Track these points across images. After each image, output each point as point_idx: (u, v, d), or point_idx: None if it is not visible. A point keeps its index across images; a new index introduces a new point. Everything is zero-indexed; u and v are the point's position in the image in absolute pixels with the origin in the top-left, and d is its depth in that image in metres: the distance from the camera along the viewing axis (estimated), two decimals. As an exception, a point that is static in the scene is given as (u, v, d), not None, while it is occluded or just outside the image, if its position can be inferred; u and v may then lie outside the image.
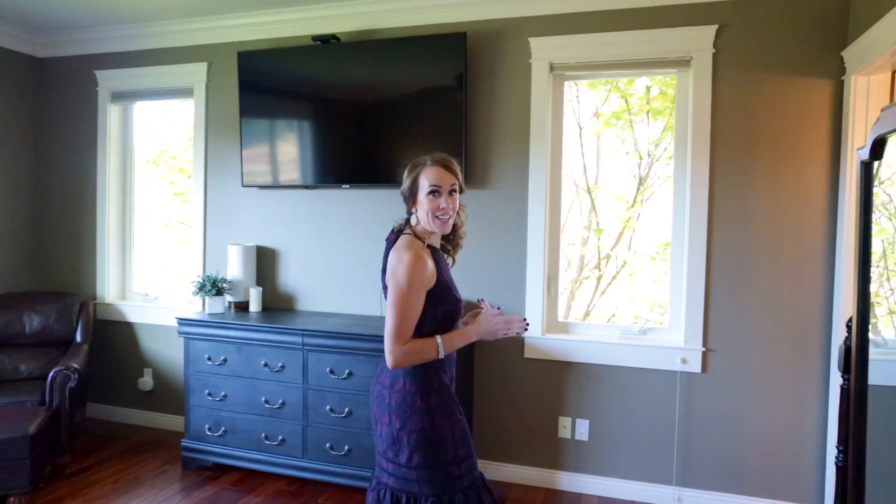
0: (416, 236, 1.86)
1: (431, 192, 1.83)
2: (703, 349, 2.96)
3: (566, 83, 3.28)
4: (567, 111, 3.32)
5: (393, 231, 1.94)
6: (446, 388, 1.87)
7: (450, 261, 2.04)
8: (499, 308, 1.99)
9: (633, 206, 4.31)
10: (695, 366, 2.97)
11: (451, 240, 2.02)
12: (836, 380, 2.76)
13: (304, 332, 3.05)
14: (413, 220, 1.90)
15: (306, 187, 3.54)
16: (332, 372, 3.02)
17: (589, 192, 4.38)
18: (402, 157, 3.29)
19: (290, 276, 3.64)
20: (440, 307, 1.83)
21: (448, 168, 1.88)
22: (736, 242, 2.92)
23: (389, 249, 1.87)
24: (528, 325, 1.95)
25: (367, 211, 3.47)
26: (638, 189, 4.31)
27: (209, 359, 3.23)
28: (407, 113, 3.26)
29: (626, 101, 4.02)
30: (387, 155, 3.32)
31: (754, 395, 2.92)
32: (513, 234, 3.22)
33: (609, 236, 4.46)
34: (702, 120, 2.94)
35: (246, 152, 3.56)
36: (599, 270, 4.51)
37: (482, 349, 3.29)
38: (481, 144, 3.27)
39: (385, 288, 1.86)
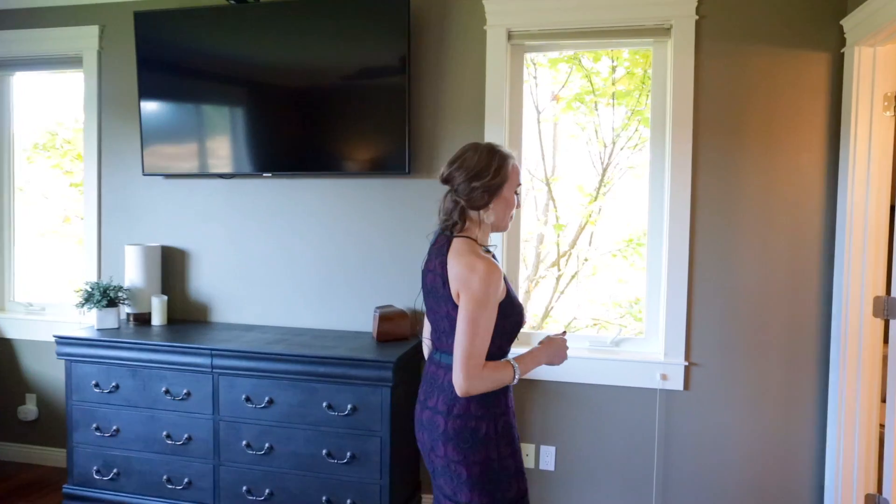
0: (473, 239, 1.65)
1: (516, 191, 1.72)
2: (686, 363, 2.57)
3: (526, 56, 2.82)
4: (524, 93, 2.86)
5: (443, 233, 1.69)
6: (511, 410, 1.70)
7: None
8: (564, 332, 1.82)
9: (595, 199, 3.94)
10: (676, 382, 2.58)
11: None
12: (835, 397, 2.41)
13: (214, 352, 2.50)
14: (486, 218, 1.66)
15: (221, 176, 2.97)
16: (248, 400, 2.48)
17: (547, 183, 3.99)
18: (334, 141, 2.77)
19: (203, 282, 3.06)
20: (509, 319, 1.64)
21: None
22: (722, 241, 2.54)
23: (441, 255, 1.64)
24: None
25: (292, 204, 2.94)
26: (601, 181, 3.94)
27: (97, 386, 2.63)
28: (339, 89, 2.73)
29: (591, 81, 3.62)
30: (316, 139, 2.79)
31: (743, 415, 2.55)
32: (466, 230, 2.73)
33: (568, 232, 4.09)
34: (683, 99, 2.53)
35: (148, 134, 2.96)
36: (559, 269, 4.13)
37: (431, 366, 2.81)
38: (428, 126, 2.78)
39: (435, 298, 1.66)
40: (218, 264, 3.04)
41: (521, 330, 1.73)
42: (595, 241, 4.13)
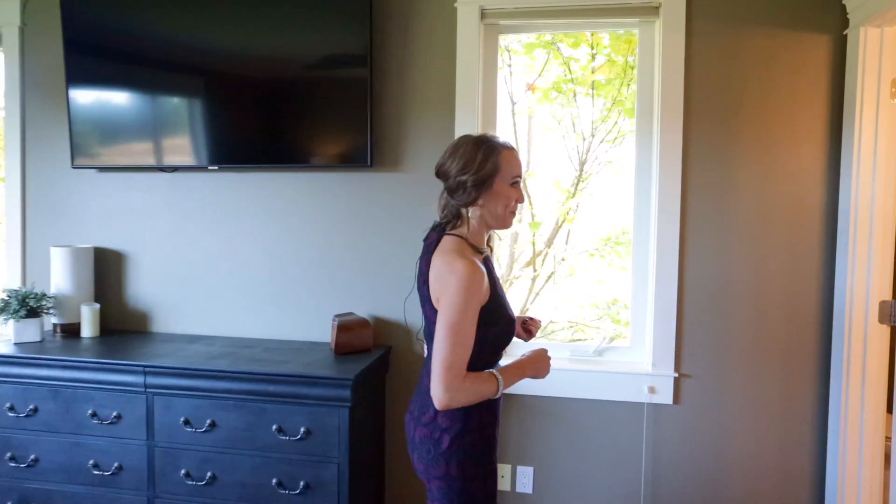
0: (463, 237, 1.54)
1: (514, 183, 1.56)
2: (676, 375, 2.34)
3: (500, 41, 2.57)
4: (498, 82, 2.60)
5: (433, 229, 1.61)
6: (489, 427, 1.53)
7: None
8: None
9: (573, 195, 3.73)
10: (665, 396, 2.35)
11: (491, 237, 1.71)
12: (837, 410, 2.21)
13: (148, 369, 2.19)
14: (474, 215, 1.55)
15: (161, 169, 2.65)
16: (187, 423, 2.17)
17: (523, 179, 3.76)
18: (288, 132, 2.48)
19: (142, 288, 2.73)
20: (494, 328, 1.50)
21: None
22: (715, 240, 2.32)
23: (428, 253, 1.55)
24: None
25: (242, 200, 2.63)
26: (578, 176, 3.73)
27: (12, 409, 2.30)
28: (294, 75, 2.44)
29: (568, 68, 3.38)
30: (268, 130, 2.49)
31: (738, 432, 2.34)
32: (435, 230, 2.46)
33: (544, 230, 3.89)
34: (672, 85, 2.30)
35: (77, 123, 2.62)
36: (534, 270, 3.92)
37: (395, 376, 2.54)
38: (393, 115, 2.51)
39: (426, 301, 1.54)
40: (159, 268, 2.71)
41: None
42: (572, 239, 3.94)
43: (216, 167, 2.56)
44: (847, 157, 2.16)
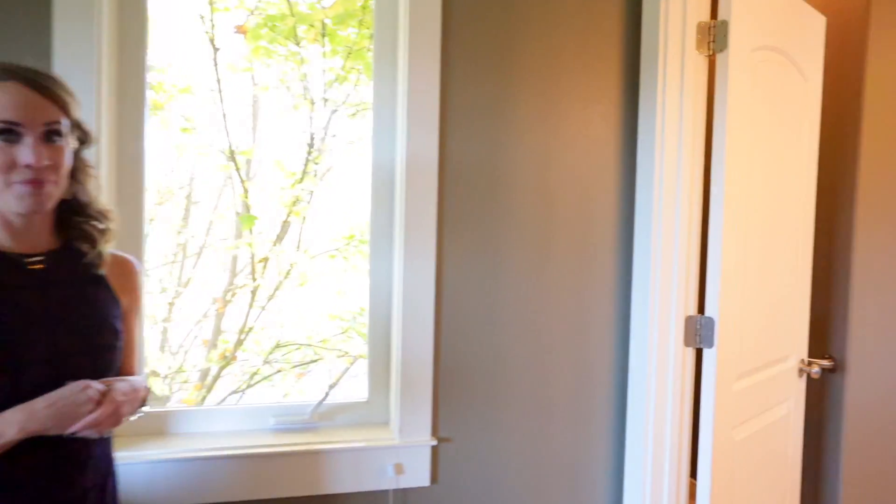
0: None
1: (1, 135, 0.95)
2: (433, 442, 1.56)
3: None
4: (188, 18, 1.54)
5: None
6: None
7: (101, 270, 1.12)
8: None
9: (301, 180, 2.90)
10: (419, 475, 1.56)
11: (83, 229, 1.07)
12: (639, 468, 1.65)
13: None
14: None
15: None
16: None
17: (233, 158, 2.79)
18: None
19: None
20: None
21: (41, 88, 0.96)
22: (484, 242, 1.59)
23: None
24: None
25: None
26: (309, 155, 2.90)
27: None
28: None
29: (290, 6, 2.45)
30: None
31: (516, 509, 1.65)
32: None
33: (268, 227, 3.04)
34: (424, 29, 1.51)
35: None
36: (254, 279, 3.02)
37: None
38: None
39: None
40: None
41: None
42: (304, 238, 3.12)
43: None
44: (647, 128, 1.60)
